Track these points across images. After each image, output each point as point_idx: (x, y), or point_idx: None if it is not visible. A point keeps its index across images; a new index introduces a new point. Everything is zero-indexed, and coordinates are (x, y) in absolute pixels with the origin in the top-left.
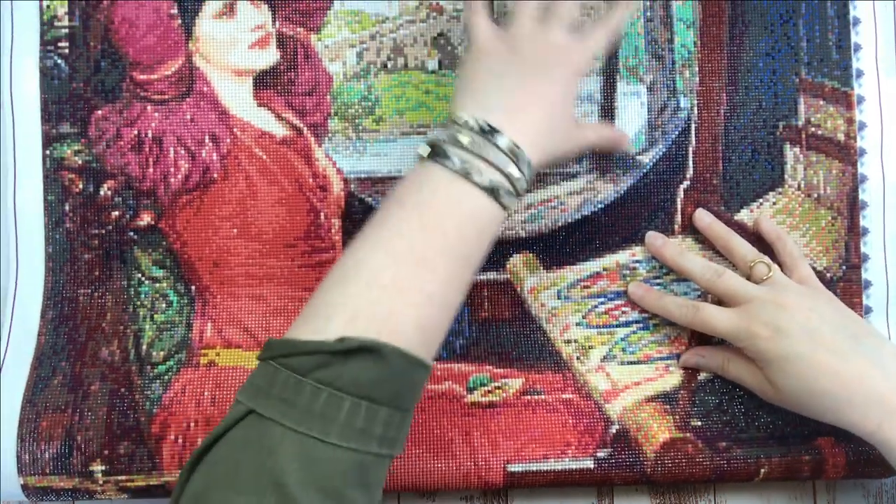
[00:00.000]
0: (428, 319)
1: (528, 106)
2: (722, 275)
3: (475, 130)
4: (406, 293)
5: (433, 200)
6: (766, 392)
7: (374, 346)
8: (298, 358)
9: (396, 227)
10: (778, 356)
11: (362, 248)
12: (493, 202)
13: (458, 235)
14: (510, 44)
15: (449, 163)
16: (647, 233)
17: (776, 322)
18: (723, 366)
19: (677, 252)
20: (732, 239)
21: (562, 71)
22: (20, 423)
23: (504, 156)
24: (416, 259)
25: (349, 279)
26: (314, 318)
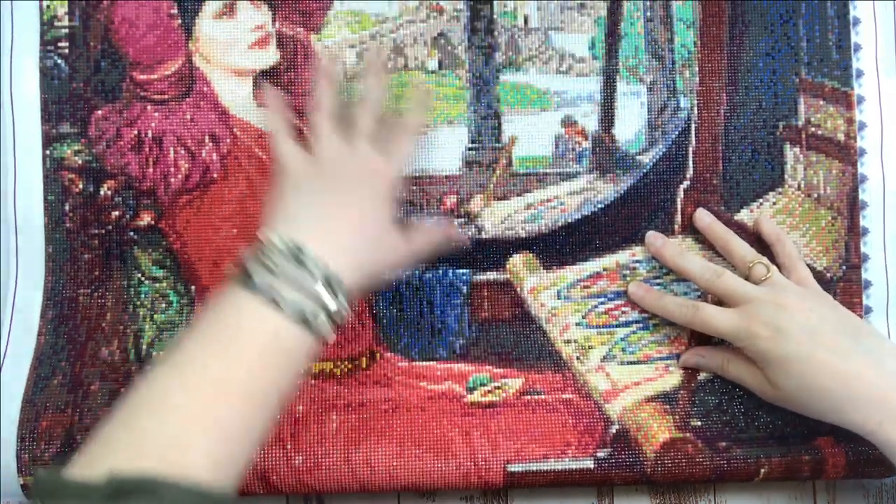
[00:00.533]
0: (225, 453)
1: (338, 225)
2: (721, 275)
3: (283, 251)
4: (198, 425)
5: (236, 327)
6: (766, 392)
7: (146, 485)
8: (64, 501)
9: (193, 354)
10: (778, 356)
11: (157, 376)
12: (301, 330)
13: (261, 365)
14: (317, 165)
15: (253, 288)
16: (646, 233)
17: (776, 322)
18: (722, 366)
19: (677, 252)
20: (732, 240)
21: (371, 184)
22: (20, 423)
23: (312, 279)
24: (213, 388)
25: (138, 406)
26: (95, 448)
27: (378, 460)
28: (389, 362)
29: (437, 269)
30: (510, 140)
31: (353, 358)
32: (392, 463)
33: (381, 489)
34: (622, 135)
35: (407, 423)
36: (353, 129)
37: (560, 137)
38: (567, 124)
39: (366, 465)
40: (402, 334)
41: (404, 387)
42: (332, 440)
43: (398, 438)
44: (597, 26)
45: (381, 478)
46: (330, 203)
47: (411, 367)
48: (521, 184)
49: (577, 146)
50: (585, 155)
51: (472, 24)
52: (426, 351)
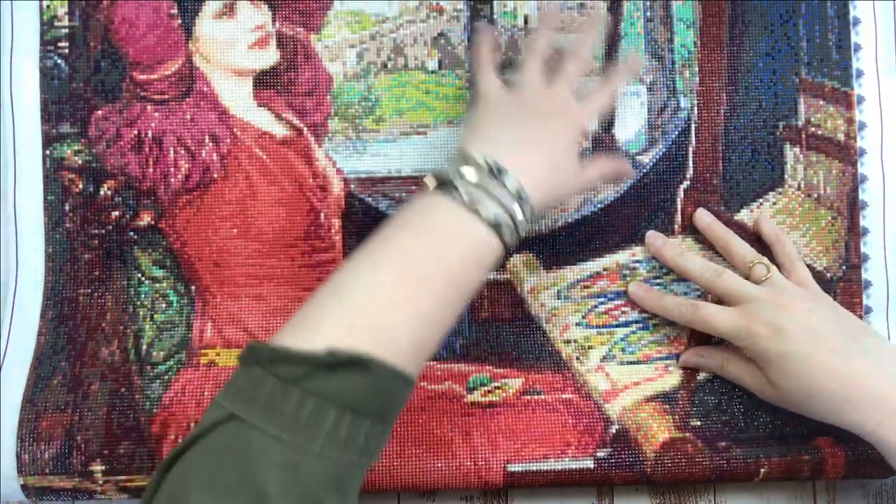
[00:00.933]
0: (422, 336)
1: (533, 151)
2: (721, 274)
3: (483, 168)
4: (404, 309)
5: (439, 227)
6: (766, 392)
7: (362, 360)
8: (286, 366)
9: (400, 247)
10: (778, 356)
11: (363, 263)
12: (495, 237)
13: (460, 263)
14: (517, 96)
15: (457, 195)
16: (646, 233)
17: (776, 322)
18: (722, 365)
19: (677, 252)
20: (732, 239)
21: (565, 122)
22: (20, 423)
23: (509, 195)
24: (418, 279)
25: (347, 290)
26: (305, 326)
27: (378, 460)
28: None
29: None
30: None
31: None
32: (392, 463)
33: (381, 489)
34: (622, 135)
35: (407, 423)
36: (558, 74)
37: None
38: None
39: None
40: None
41: None
42: None
43: (398, 438)
44: None
45: (381, 478)
46: (526, 132)
47: None
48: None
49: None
50: (586, 155)
51: (472, 23)
52: None
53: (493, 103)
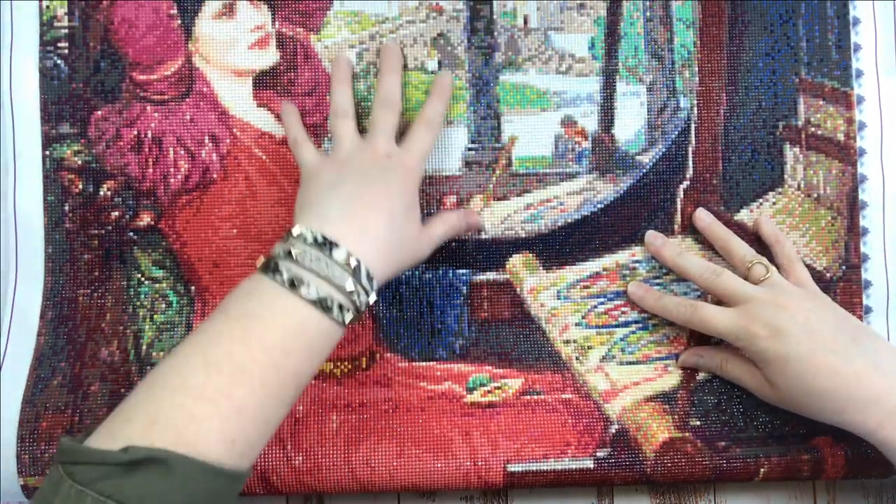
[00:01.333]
0: (237, 432)
1: (366, 213)
2: (721, 274)
3: (309, 243)
4: (214, 403)
5: (258, 312)
6: (765, 392)
7: (159, 457)
8: (83, 467)
9: (216, 336)
10: (777, 356)
11: (178, 354)
12: (323, 317)
13: (281, 350)
14: (338, 161)
15: (278, 276)
16: (646, 232)
17: (776, 322)
18: (721, 366)
19: (676, 252)
20: (731, 239)
21: (394, 176)
22: (20, 424)
23: (339, 268)
24: (232, 369)
25: (157, 383)
26: (113, 423)
27: (378, 460)
28: (389, 362)
29: (437, 269)
30: (510, 140)
31: (353, 358)
32: (392, 463)
33: (381, 489)
34: (622, 135)
35: (407, 423)
36: (372, 127)
37: (560, 137)
38: (567, 124)
39: (366, 465)
40: (402, 335)
41: (404, 387)
42: (332, 440)
43: (398, 438)
44: (596, 26)
45: (381, 478)
46: (355, 195)
47: (411, 367)
48: (521, 184)
49: (576, 146)
50: (585, 155)
51: (472, 24)
52: (426, 351)
53: (315, 173)
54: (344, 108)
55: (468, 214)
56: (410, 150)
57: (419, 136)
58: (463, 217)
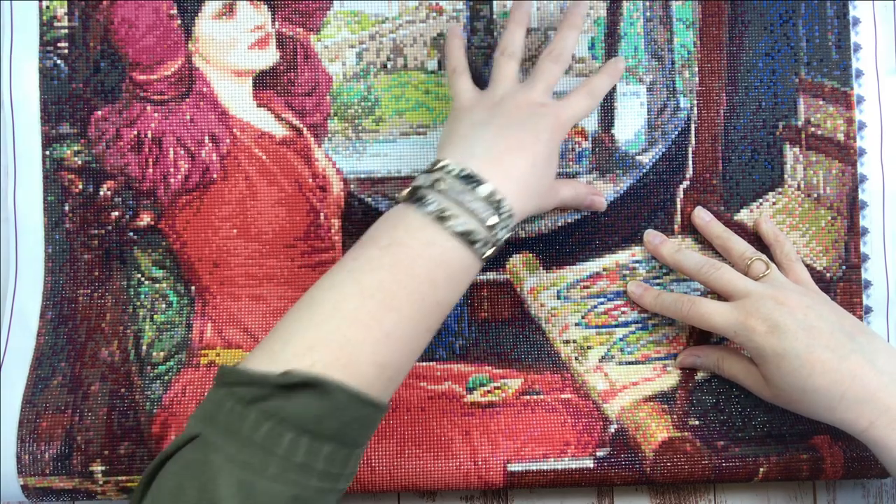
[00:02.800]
0: (386, 357)
1: (511, 156)
2: (720, 268)
3: (456, 176)
4: (366, 327)
5: (406, 241)
6: (761, 390)
7: (317, 382)
8: (244, 388)
9: (367, 263)
10: (774, 352)
11: (330, 279)
12: (466, 249)
13: (427, 279)
14: (492, 100)
15: (425, 207)
16: (645, 231)
17: (774, 318)
18: (718, 364)
19: (674, 249)
20: (730, 237)
21: (545, 124)
22: (20, 424)
23: (483, 203)
24: (383, 296)
25: (313, 307)
26: (272, 345)
27: (378, 460)
28: None
29: None
30: None
31: None
32: (392, 463)
33: (381, 489)
34: (622, 135)
35: (407, 423)
36: (534, 75)
37: None
38: None
39: (366, 466)
40: None
41: (404, 387)
42: None
43: (398, 438)
44: (596, 26)
45: (381, 478)
46: (503, 137)
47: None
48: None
49: (576, 146)
50: (585, 155)
51: (472, 24)
52: (426, 351)
53: (466, 110)
54: (512, 48)
55: (595, 192)
56: (565, 107)
57: (578, 99)
58: (590, 193)
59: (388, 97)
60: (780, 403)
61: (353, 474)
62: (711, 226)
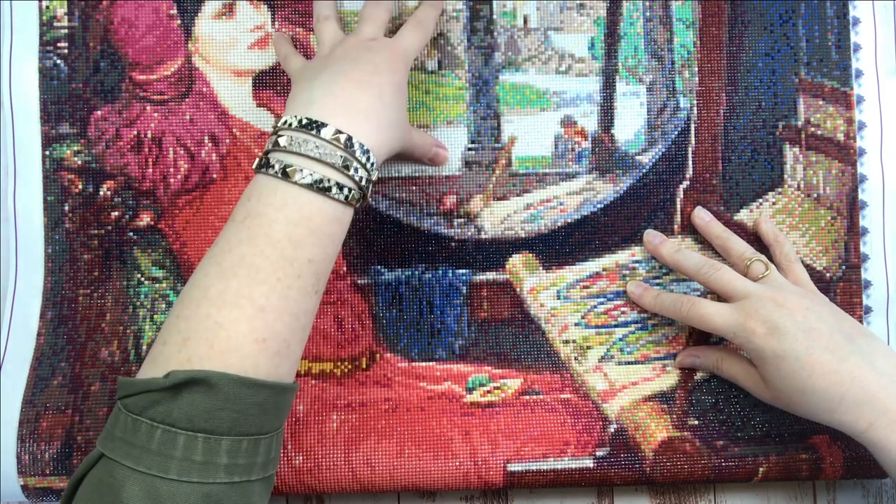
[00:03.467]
0: (266, 331)
1: (354, 91)
2: (719, 269)
3: (294, 128)
4: (236, 306)
5: (260, 210)
6: (760, 391)
7: (200, 378)
8: (133, 398)
9: (225, 242)
10: (774, 353)
11: (197, 270)
12: (325, 199)
13: (289, 241)
14: (323, 56)
15: (270, 168)
16: (645, 231)
17: (773, 319)
18: (717, 365)
19: (674, 249)
20: (730, 237)
21: (382, 56)
22: (20, 424)
23: (329, 146)
24: (246, 271)
25: (183, 301)
26: (154, 349)
27: (378, 460)
28: (389, 363)
29: (436, 269)
30: (510, 140)
31: (353, 358)
32: (392, 463)
33: (381, 489)
34: (622, 135)
35: (407, 423)
36: (360, 19)
37: (559, 137)
38: (566, 124)
39: (366, 465)
40: (402, 335)
41: (404, 387)
42: (332, 440)
43: (398, 438)
44: (596, 26)
45: (381, 478)
46: (341, 74)
47: (411, 367)
48: (521, 184)
49: (576, 146)
50: (585, 155)
51: (472, 24)
52: (426, 351)
53: (302, 70)
54: (325, 12)
55: (439, 145)
56: (396, 39)
57: (409, 31)
58: (434, 144)
59: None
60: (780, 405)
61: (275, 459)
62: (711, 226)
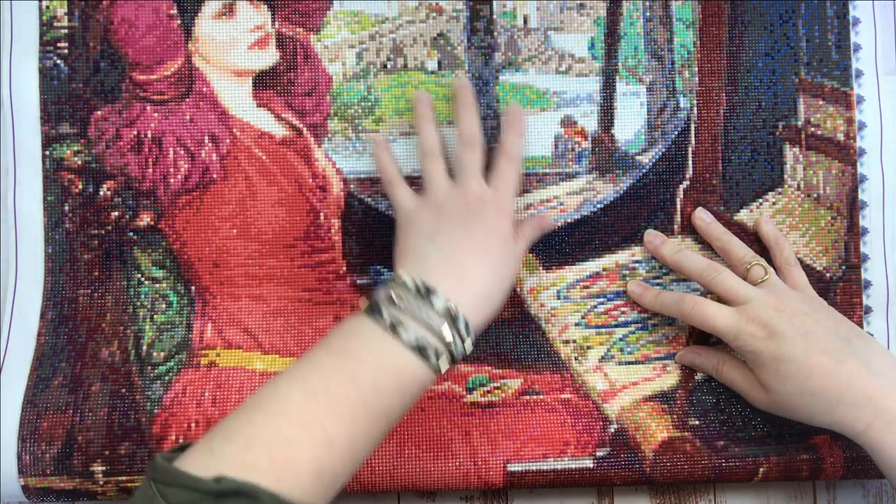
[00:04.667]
0: (326, 464)
1: (467, 261)
2: (720, 272)
3: (411, 289)
4: (308, 430)
5: (357, 350)
6: (758, 397)
7: (250, 492)
8: (175, 489)
9: (317, 368)
10: (772, 357)
11: (280, 380)
12: (419, 361)
13: (373, 388)
14: (434, 206)
15: (379, 318)
16: (645, 231)
17: (773, 324)
18: (717, 367)
19: (675, 250)
20: (730, 240)
21: (491, 218)
22: (21, 424)
23: (437, 316)
24: (328, 401)
25: (257, 407)
26: (213, 440)
27: (378, 460)
28: None
29: None
30: None
31: None
32: (392, 463)
33: (381, 489)
34: (622, 135)
35: (406, 423)
36: (461, 169)
37: (559, 137)
38: (566, 124)
39: (366, 465)
40: None
41: None
42: None
43: (398, 439)
44: (596, 26)
45: (381, 478)
46: (457, 242)
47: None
48: (521, 184)
49: (576, 146)
50: (585, 155)
51: (472, 24)
52: None
53: (413, 219)
54: (432, 147)
55: (541, 218)
56: (500, 189)
57: (505, 172)
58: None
59: (388, 97)
60: (778, 411)
61: None
62: (711, 227)
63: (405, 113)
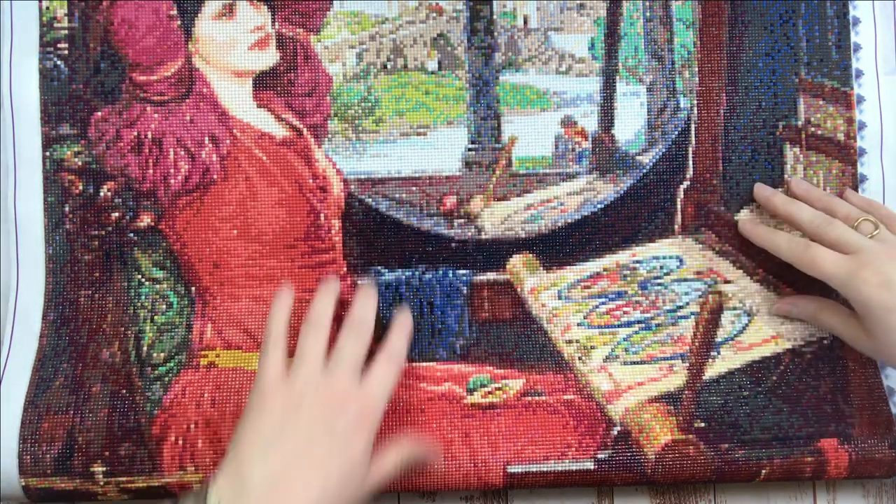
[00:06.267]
0: None
1: (296, 484)
2: (832, 222)
3: None
4: None
5: None
6: (861, 343)
7: None
8: None
9: None
10: (881, 305)
11: None
12: None
13: None
14: (292, 394)
15: None
16: (755, 185)
17: (887, 272)
18: (815, 314)
19: (787, 200)
20: (833, 200)
21: (346, 428)
22: (22, 425)
23: None
24: None
25: None
26: None
27: None
28: None
29: (437, 269)
30: (510, 140)
31: None
32: None
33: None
34: (622, 135)
35: (407, 423)
36: (338, 356)
37: (560, 138)
38: (567, 124)
39: None
40: None
41: (404, 388)
42: None
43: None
44: (596, 27)
45: None
46: (294, 458)
47: (411, 368)
48: (521, 184)
49: (576, 146)
50: (585, 155)
51: (472, 24)
52: (426, 352)
53: (265, 405)
54: (319, 319)
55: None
56: (372, 390)
57: (382, 372)
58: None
59: (388, 98)
60: (881, 357)
61: None
62: (811, 192)
63: (405, 113)
